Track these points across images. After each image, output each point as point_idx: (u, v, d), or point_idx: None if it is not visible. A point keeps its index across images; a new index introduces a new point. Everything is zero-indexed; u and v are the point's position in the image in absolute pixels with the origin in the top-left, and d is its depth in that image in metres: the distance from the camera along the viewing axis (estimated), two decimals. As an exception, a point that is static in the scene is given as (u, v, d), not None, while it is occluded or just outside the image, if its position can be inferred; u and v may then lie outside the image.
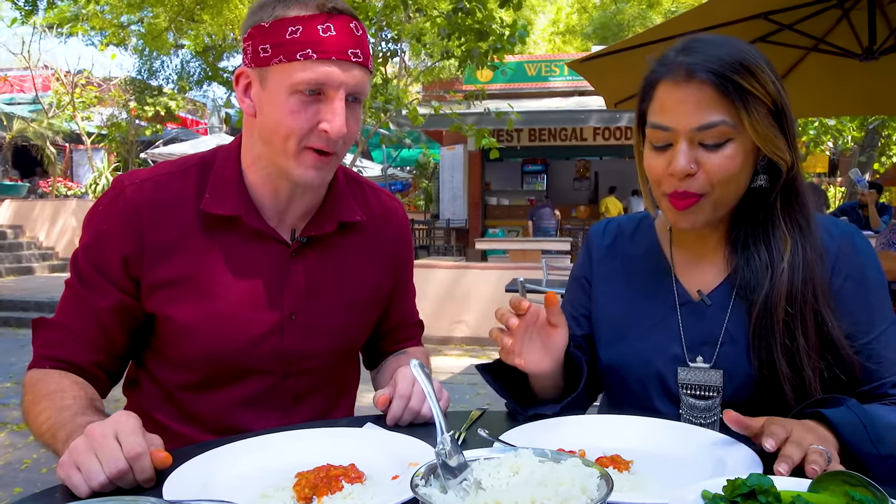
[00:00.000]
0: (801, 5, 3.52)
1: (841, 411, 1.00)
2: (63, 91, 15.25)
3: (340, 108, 1.12)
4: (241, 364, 1.24)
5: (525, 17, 14.72)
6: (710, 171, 1.08)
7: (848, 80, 4.12)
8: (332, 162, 1.19)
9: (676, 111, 1.09)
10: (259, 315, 1.23)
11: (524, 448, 0.79)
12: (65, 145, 17.40)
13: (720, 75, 1.06)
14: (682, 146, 1.08)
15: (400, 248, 1.44)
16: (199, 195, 1.22)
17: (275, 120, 1.14)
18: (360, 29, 1.17)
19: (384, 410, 1.18)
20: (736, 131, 1.07)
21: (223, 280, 1.21)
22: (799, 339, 1.10)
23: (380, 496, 0.85)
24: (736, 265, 1.17)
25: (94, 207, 1.24)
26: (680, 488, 0.73)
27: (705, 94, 1.07)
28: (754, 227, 1.16)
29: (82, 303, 1.20)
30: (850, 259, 1.16)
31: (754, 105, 1.07)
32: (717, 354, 1.17)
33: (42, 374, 1.16)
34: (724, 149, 1.08)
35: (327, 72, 1.11)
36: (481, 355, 6.86)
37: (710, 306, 1.19)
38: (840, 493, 0.70)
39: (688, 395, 1.18)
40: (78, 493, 0.86)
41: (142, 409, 1.28)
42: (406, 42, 8.86)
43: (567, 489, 0.69)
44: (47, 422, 1.06)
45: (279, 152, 1.16)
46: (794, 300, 1.10)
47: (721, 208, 1.14)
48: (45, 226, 13.11)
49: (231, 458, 0.98)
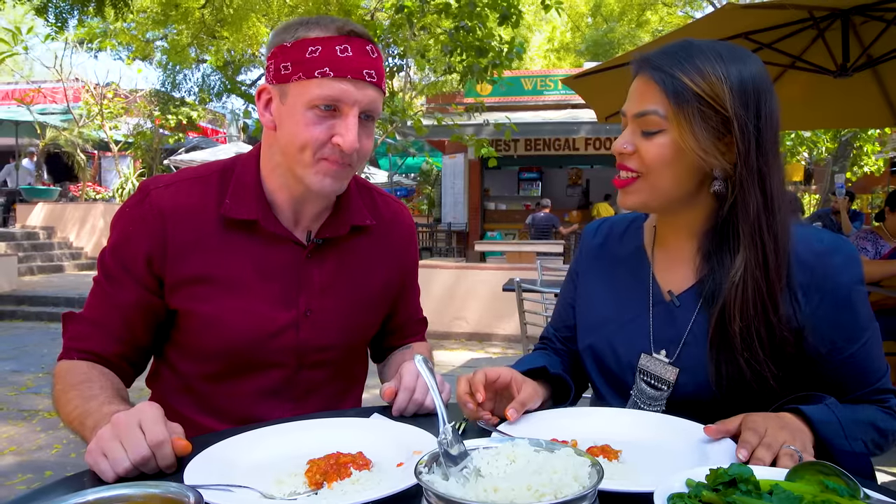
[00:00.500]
0: (779, 25, 3.52)
1: (820, 409, 1.00)
2: (92, 102, 15.26)
3: (353, 124, 1.13)
4: (259, 357, 1.24)
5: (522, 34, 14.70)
6: (643, 155, 1.09)
7: (823, 95, 4.12)
8: (346, 172, 1.19)
9: (630, 100, 1.14)
10: (277, 311, 1.23)
11: (521, 438, 0.79)
12: (94, 152, 17.39)
13: (662, 68, 1.07)
14: (627, 129, 1.12)
15: (406, 251, 1.44)
16: (220, 200, 1.22)
17: (292, 132, 1.14)
18: (376, 52, 1.18)
19: (390, 402, 1.18)
20: (667, 124, 1.06)
21: (243, 278, 1.21)
22: (757, 350, 1.05)
23: (385, 482, 0.85)
24: (704, 271, 1.14)
25: (121, 210, 1.24)
26: (665, 476, 0.73)
27: (648, 87, 1.09)
28: (721, 236, 1.11)
29: (108, 299, 1.20)
30: (831, 277, 1.07)
31: (688, 105, 1.04)
32: (678, 353, 1.15)
33: (71, 364, 1.17)
34: (656, 137, 1.08)
35: (342, 89, 1.11)
36: (480, 350, 6.86)
37: (678, 307, 1.17)
38: (815, 481, 0.70)
39: (642, 379, 1.18)
40: (105, 478, 0.86)
41: (164, 400, 1.28)
42: (411, 58, 8.86)
43: (560, 477, 0.69)
44: (75, 410, 1.06)
45: (296, 162, 1.16)
46: (746, 314, 1.05)
47: (658, 194, 1.11)
48: (74, 227, 13.11)
49: (247, 446, 0.98)
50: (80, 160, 16.03)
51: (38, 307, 8.47)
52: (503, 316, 7.11)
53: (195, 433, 1.06)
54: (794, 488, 0.69)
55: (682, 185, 1.10)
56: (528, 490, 0.67)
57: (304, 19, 1.18)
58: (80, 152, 15.92)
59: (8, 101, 16.87)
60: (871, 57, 3.47)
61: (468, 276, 7.51)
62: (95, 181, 17.21)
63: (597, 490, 0.67)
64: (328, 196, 1.24)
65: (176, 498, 0.66)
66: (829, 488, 0.68)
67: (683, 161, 1.07)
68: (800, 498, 0.66)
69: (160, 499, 0.67)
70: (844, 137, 11.65)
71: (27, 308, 8.51)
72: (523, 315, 4.29)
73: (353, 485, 0.85)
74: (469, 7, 7.06)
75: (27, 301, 8.70)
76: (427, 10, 7.33)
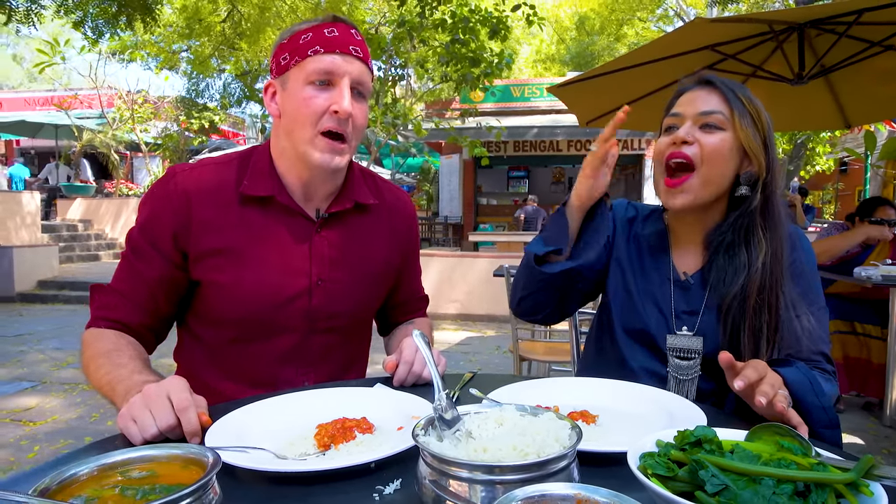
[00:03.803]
0: (742, 38, 3.49)
1: (793, 371, 1.02)
2: (124, 107, 15.12)
3: (346, 93, 1.15)
4: (274, 322, 1.23)
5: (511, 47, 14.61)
6: (704, 145, 1.15)
7: (781, 101, 4.10)
8: (344, 148, 1.19)
9: (688, 104, 1.19)
10: (291, 280, 1.22)
11: (507, 404, 0.79)
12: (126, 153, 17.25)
13: (729, 87, 1.18)
14: (687, 123, 1.17)
15: (407, 232, 1.43)
16: (239, 181, 1.22)
17: (294, 109, 1.16)
18: (359, 36, 1.21)
19: (391, 373, 1.17)
20: (728, 124, 1.15)
21: (260, 250, 1.21)
22: (763, 316, 1.13)
23: (387, 444, 0.85)
24: (708, 262, 1.22)
25: (149, 191, 1.23)
26: (638, 438, 0.72)
27: (712, 95, 1.18)
28: (736, 231, 1.18)
29: (135, 272, 1.19)
30: (798, 250, 1.20)
31: (745, 115, 1.15)
32: (698, 323, 1.19)
33: (99, 332, 1.15)
34: (717, 133, 1.15)
35: (333, 61, 1.14)
36: (473, 329, 6.87)
37: (692, 284, 1.23)
38: (771, 441, 0.70)
39: (674, 356, 1.21)
40: (133, 441, 0.86)
41: (189, 371, 1.27)
42: (412, 68, 8.81)
43: (543, 438, 0.68)
44: (106, 376, 1.05)
45: (299, 140, 1.17)
46: (763, 289, 1.14)
47: (707, 189, 1.16)
48: (109, 220, 13.04)
49: (262, 412, 0.98)
50: (114, 160, 15.92)
51: (77, 291, 8.45)
52: (494, 299, 7.12)
53: (216, 400, 1.05)
54: (753, 448, 0.68)
55: (725, 182, 1.17)
56: (514, 450, 0.67)
57: (298, 23, 1.22)
58: (113, 153, 15.81)
59: (48, 107, 16.69)
60: (824, 66, 3.46)
61: (462, 263, 7.50)
62: (128, 179, 17.09)
63: (576, 450, 0.66)
64: (331, 171, 1.22)
65: (196, 457, 0.65)
66: (784, 447, 0.68)
67: (733, 159, 1.16)
68: (758, 456, 0.66)
69: (182, 458, 0.66)
70: (799, 140, 11.65)
71: (68, 292, 8.50)
72: (512, 298, 4.28)
73: (357, 446, 0.85)
74: (463, 22, 7.04)
75: (67, 286, 8.69)
76: (426, 25, 7.29)
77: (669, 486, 0.63)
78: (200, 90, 17.32)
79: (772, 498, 0.59)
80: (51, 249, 9.31)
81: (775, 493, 0.59)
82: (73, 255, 11.16)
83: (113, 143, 15.54)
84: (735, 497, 0.59)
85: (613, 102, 4.12)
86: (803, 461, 0.65)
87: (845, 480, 0.60)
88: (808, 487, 0.60)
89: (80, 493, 0.60)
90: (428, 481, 0.66)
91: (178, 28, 13.12)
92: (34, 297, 8.47)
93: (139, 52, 13.80)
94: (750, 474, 0.62)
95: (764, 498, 0.59)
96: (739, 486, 0.60)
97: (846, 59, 3.40)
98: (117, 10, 7.66)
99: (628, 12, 18.17)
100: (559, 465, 0.64)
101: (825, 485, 0.60)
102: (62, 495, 0.59)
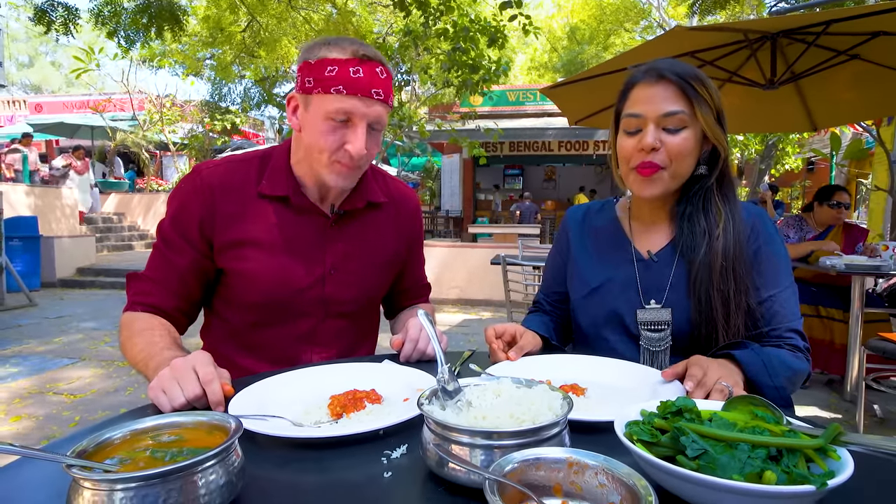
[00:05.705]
0: (719, 45, 3.45)
1: (746, 353, 1.00)
2: (154, 110, 15.06)
3: (362, 134, 1.11)
4: (292, 307, 1.23)
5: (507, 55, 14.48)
6: (670, 148, 1.09)
7: (754, 104, 4.06)
8: (355, 173, 1.18)
9: (647, 103, 1.10)
10: (307, 269, 1.22)
11: (504, 377, 0.78)
12: (156, 152, 17.20)
13: (682, 77, 1.09)
14: (651, 128, 1.09)
15: (413, 225, 1.42)
16: (259, 180, 1.21)
17: (313, 137, 1.13)
18: (385, 73, 1.14)
19: (398, 350, 1.17)
20: (690, 121, 1.09)
21: (279, 242, 1.20)
22: (730, 283, 1.10)
23: (394, 413, 0.84)
24: (678, 232, 1.18)
25: (177, 187, 1.22)
26: (624, 408, 0.72)
27: (670, 91, 1.09)
28: (696, 204, 1.16)
29: (167, 261, 1.19)
30: (762, 231, 1.16)
31: (704, 104, 1.09)
32: (665, 297, 1.16)
33: (135, 315, 1.15)
34: (681, 133, 1.09)
35: (353, 105, 1.10)
36: (472, 312, 6.87)
37: (657, 262, 1.19)
38: (746, 411, 0.69)
39: (645, 329, 1.17)
40: (163, 410, 0.85)
41: (213, 347, 1.27)
42: (416, 74, 8.75)
43: (537, 407, 0.68)
44: (140, 353, 1.05)
45: (315, 162, 1.16)
46: (727, 255, 1.11)
47: (676, 180, 1.13)
48: (141, 213, 13.04)
49: (280, 385, 0.97)
50: (145, 158, 15.90)
51: (112, 278, 8.46)
52: (491, 285, 7.12)
53: (238, 374, 1.05)
54: (729, 416, 0.68)
55: (690, 170, 1.14)
56: (511, 418, 0.67)
57: (326, 39, 1.14)
58: (144, 152, 15.78)
59: (84, 110, 16.62)
60: (794, 73, 3.42)
61: (462, 252, 7.50)
62: (157, 176, 17.05)
63: (567, 418, 0.66)
64: (342, 189, 1.23)
65: (220, 424, 0.65)
66: (758, 416, 0.67)
67: (696, 151, 1.12)
68: (734, 424, 0.65)
69: (207, 424, 0.65)
70: (770, 141, 11.58)
71: (104, 279, 8.50)
72: (507, 284, 4.29)
73: (367, 415, 0.85)
74: (463, 32, 6.97)
75: (104, 273, 8.69)
76: (429, 34, 7.22)
77: (653, 450, 0.63)
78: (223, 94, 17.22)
79: (747, 461, 0.58)
80: (88, 240, 9.30)
81: (750, 457, 0.59)
82: (109, 244, 11.16)
83: (143, 143, 15.52)
84: (713, 461, 0.59)
85: (600, 103, 4.11)
86: (776, 428, 0.64)
87: (815, 446, 0.60)
88: (780, 452, 0.60)
89: (114, 454, 0.60)
90: (432, 446, 0.65)
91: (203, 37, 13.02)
92: (74, 282, 8.47)
93: (167, 59, 13.71)
94: (727, 440, 0.61)
95: (740, 461, 0.58)
96: (717, 450, 0.60)
97: (814, 66, 3.37)
98: (148, 21, 7.61)
99: (615, 24, 18.02)
100: (552, 431, 0.63)
101: (796, 450, 0.60)
102: (98, 457, 0.59)
